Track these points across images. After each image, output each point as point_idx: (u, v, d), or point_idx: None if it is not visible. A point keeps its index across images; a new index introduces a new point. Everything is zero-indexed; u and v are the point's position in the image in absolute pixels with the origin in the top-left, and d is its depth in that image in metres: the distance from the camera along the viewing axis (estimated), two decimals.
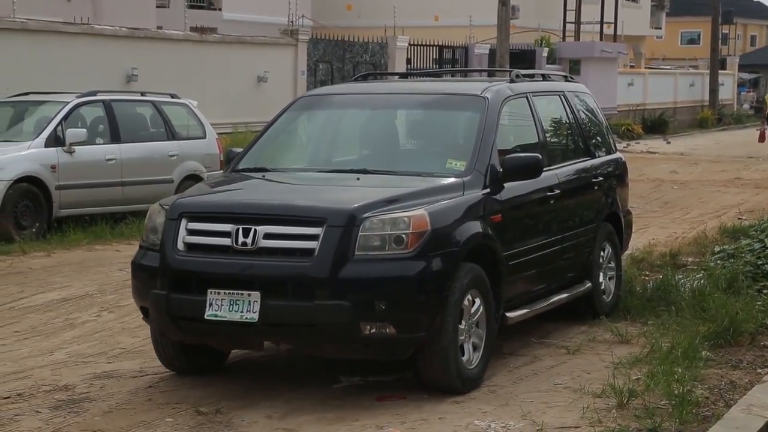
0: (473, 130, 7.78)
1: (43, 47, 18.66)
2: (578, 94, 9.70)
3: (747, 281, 9.75)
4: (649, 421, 6.29)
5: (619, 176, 9.92)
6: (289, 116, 8.59)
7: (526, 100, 8.52)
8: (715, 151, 31.46)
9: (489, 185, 7.48)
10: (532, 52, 36.70)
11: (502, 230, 7.51)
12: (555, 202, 8.37)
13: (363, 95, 8.76)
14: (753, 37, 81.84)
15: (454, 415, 6.59)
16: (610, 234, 9.43)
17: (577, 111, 9.40)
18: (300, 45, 25.44)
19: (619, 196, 9.75)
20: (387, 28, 31.23)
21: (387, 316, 6.57)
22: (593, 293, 9.02)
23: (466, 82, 9.48)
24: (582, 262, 8.93)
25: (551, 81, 9.71)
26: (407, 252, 6.68)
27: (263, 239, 6.70)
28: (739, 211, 16.51)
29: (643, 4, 50.30)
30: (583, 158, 9.23)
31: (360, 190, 7.25)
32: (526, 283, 8.03)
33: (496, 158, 7.63)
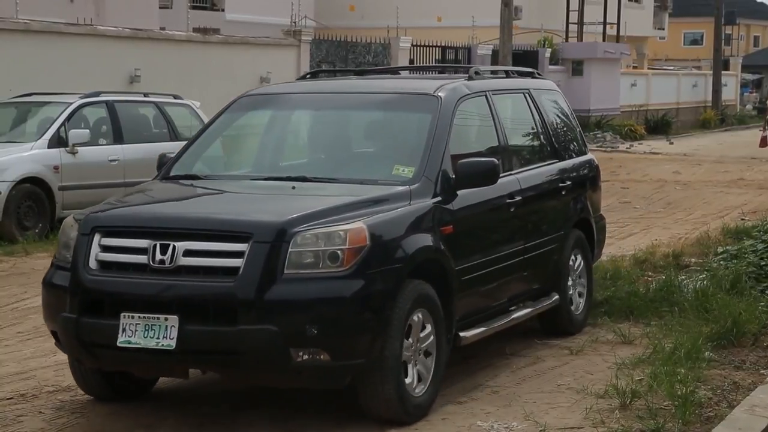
0: (424, 132, 7.11)
1: (46, 48, 18.67)
2: (546, 92, 9.06)
3: (750, 282, 9.75)
4: (652, 422, 6.29)
5: (591, 179, 9.38)
6: (228, 117, 7.94)
7: (485, 98, 7.86)
8: (717, 151, 31.45)
9: (440, 193, 6.84)
10: (535, 52, 36.71)
11: (455, 242, 6.85)
12: (516, 209, 7.72)
13: (307, 94, 8.06)
14: (756, 37, 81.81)
15: (457, 416, 6.59)
16: (580, 242, 8.83)
17: (544, 110, 8.76)
18: (303, 46, 25.46)
19: (590, 201, 9.18)
20: (390, 29, 31.23)
21: (320, 341, 5.94)
22: (561, 306, 8.46)
23: (420, 81, 8.55)
24: (548, 273, 8.32)
25: (515, 78, 8.93)
26: (343, 270, 6.03)
27: (183, 257, 6.05)
28: (742, 212, 16.51)
29: (645, 5, 50.27)
30: (550, 161, 8.61)
31: (293, 201, 6.63)
32: (483, 298, 7.44)
33: (448, 164, 6.98)
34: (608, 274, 10.41)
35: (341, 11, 39.47)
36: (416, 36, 30.66)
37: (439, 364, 6.62)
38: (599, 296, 9.55)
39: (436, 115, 7.18)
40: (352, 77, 9.05)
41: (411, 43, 29.59)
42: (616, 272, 10.53)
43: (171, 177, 7.42)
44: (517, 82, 8.86)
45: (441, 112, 7.22)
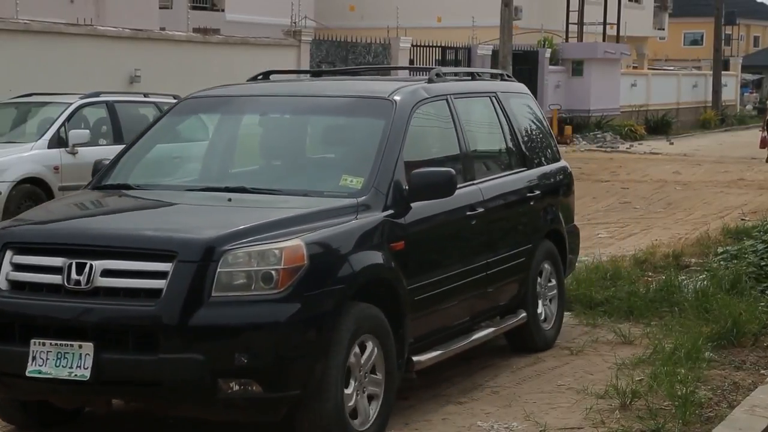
0: (376, 140, 6.53)
1: (46, 48, 18.68)
2: (515, 96, 8.55)
3: (750, 282, 9.75)
4: (652, 422, 6.29)
5: (563, 187, 8.86)
6: (169, 121, 7.48)
7: (446, 103, 7.32)
8: (718, 152, 31.46)
9: (391, 206, 6.28)
10: (535, 53, 36.73)
11: (407, 259, 6.31)
12: (478, 222, 7.18)
13: (254, 97, 7.45)
14: (756, 37, 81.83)
15: (457, 417, 6.59)
16: (550, 254, 8.33)
17: (513, 115, 8.22)
18: (303, 46, 25.47)
19: (562, 210, 8.66)
20: (390, 29, 31.25)
21: (251, 371, 5.39)
22: (529, 324, 7.98)
23: (377, 83, 7.81)
24: (515, 288, 7.83)
25: (481, 80, 8.40)
26: (277, 292, 5.46)
27: (101, 277, 5.50)
28: (742, 212, 16.51)
29: (646, 5, 50.30)
30: (518, 169, 8.08)
31: (226, 215, 6.06)
32: (440, 319, 6.88)
33: (402, 174, 6.42)
34: (608, 274, 10.41)
35: (341, 11, 39.49)
36: (416, 36, 30.68)
37: (388, 392, 6.08)
38: (599, 296, 9.55)
39: (390, 121, 6.62)
40: (307, 79, 8.52)
41: (411, 43, 29.60)
42: (617, 272, 10.53)
43: (102, 186, 6.85)
44: (484, 84, 8.34)
45: (395, 117, 6.66)
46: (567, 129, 33.78)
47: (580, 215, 16.53)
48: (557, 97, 37.16)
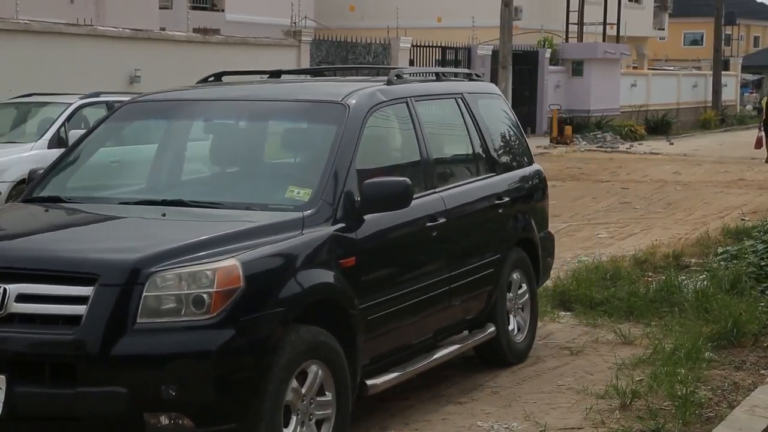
0: (326, 147, 6.06)
1: (46, 48, 18.69)
2: (484, 96, 8.06)
3: (750, 282, 9.75)
4: (652, 422, 6.29)
5: (536, 193, 8.42)
6: (109, 127, 7.02)
7: (405, 106, 6.82)
8: (718, 152, 31.47)
9: (341, 219, 5.82)
10: (535, 53, 36.76)
11: (359, 276, 5.85)
12: (440, 233, 6.69)
13: (200, 102, 6.91)
14: (756, 38, 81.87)
15: (457, 417, 6.59)
16: (521, 263, 7.90)
17: (480, 117, 7.73)
18: (303, 46, 25.48)
19: (535, 217, 8.20)
20: (390, 29, 31.26)
21: (180, 404, 4.93)
22: (498, 339, 7.53)
23: (332, 86, 7.25)
24: (483, 301, 7.39)
25: (447, 81, 7.97)
26: (209, 317, 4.99)
27: (15, 302, 4.99)
28: (742, 212, 16.51)
29: (646, 5, 50.32)
30: (485, 175, 7.61)
31: (157, 232, 5.57)
32: (399, 338, 6.42)
33: (354, 184, 5.96)
34: (608, 274, 10.41)
35: (341, 12, 39.51)
36: (416, 36, 30.69)
37: (340, 419, 5.64)
38: (599, 296, 9.55)
39: (342, 127, 6.14)
40: (260, 81, 7.77)
41: (411, 43, 29.61)
42: (617, 272, 10.53)
43: (32, 199, 6.36)
44: (449, 85, 7.86)
45: (348, 123, 6.18)
46: (567, 129, 33.78)
47: (580, 215, 16.57)
48: (557, 97, 37.18)
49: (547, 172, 9.13)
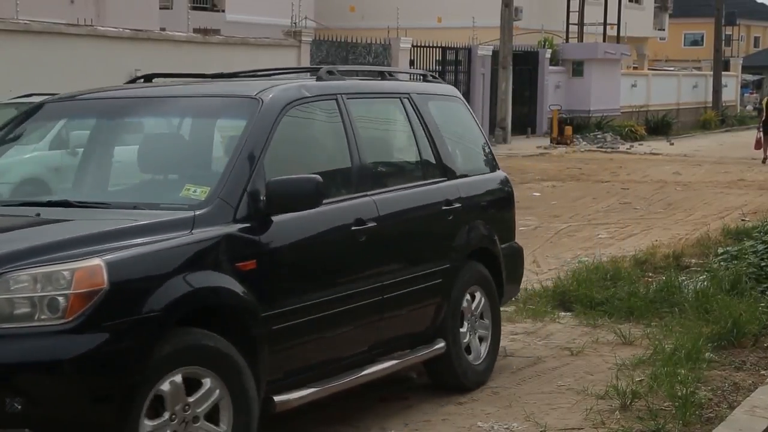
0: (232, 144, 5.74)
1: (47, 49, 18.69)
2: (438, 98, 7.61)
3: (750, 283, 9.75)
4: (652, 422, 6.29)
5: (498, 201, 7.90)
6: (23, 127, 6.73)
7: (335, 103, 6.42)
8: (718, 152, 31.47)
9: (243, 219, 5.41)
10: (535, 53, 36.78)
11: (261, 282, 5.40)
12: (370, 239, 6.20)
13: (111, 100, 6.58)
14: (756, 38, 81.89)
15: (457, 417, 6.59)
16: (479, 277, 7.35)
17: (431, 119, 7.25)
18: (303, 46, 25.49)
19: (497, 227, 7.65)
20: (390, 30, 31.27)
21: (27, 419, 4.46)
22: (449, 356, 6.96)
23: (258, 82, 6.79)
24: (430, 314, 6.85)
25: (392, 80, 7.44)
26: (65, 322, 4.53)
27: None
28: (743, 213, 16.51)
29: (646, 6, 50.34)
30: (433, 180, 7.12)
31: (20, 233, 5.14)
32: (318, 351, 5.92)
33: (262, 183, 5.57)
34: (609, 275, 10.41)
35: (341, 12, 39.53)
36: (416, 37, 30.69)
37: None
38: (599, 296, 9.54)
39: (251, 123, 5.78)
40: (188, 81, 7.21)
41: (411, 43, 29.61)
42: (617, 273, 10.53)
43: None
44: (394, 85, 7.36)
45: (258, 118, 5.80)
46: (567, 129, 33.80)
47: (581, 215, 16.57)
48: (557, 97, 37.19)
49: (547, 172, 9.13)
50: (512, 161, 26.80)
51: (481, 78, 32.73)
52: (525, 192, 20.05)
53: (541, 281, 10.58)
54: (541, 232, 14.70)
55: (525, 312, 9.30)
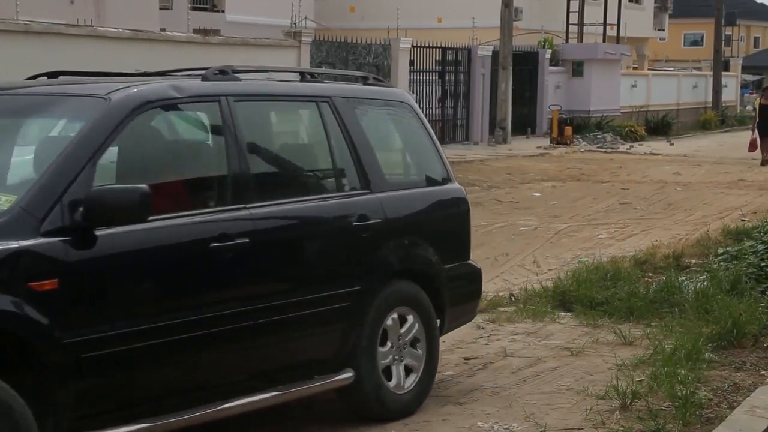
0: (58, 148, 5.16)
1: (47, 49, 18.68)
2: (371, 103, 6.95)
3: (750, 283, 9.75)
4: (653, 422, 6.29)
5: (445, 216, 7.18)
6: None
7: (217, 106, 5.79)
8: (718, 152, 31.47)
9: (53, 233, 4.83)
10: (535, 53, 36.77)
11: (65, 304, 4.82)
12: (238, 256, 5.57)
13: None
14: (756, 38, 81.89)
15: (457, 417, 6.59)
16: (410, 299, 6.62)
17: (353, 127, 6.54)
18: (303, 47, 25.47)
19: (440, 245, 6.88)
20: (390, 30, 31.27)
21: None
22: (362, 387, 6.28)
23: (127, 79, 6.06)
24: (333, 341, 6.18)
25: (312, 83, 6.70)
26: None
27: None
28: (743, 213, 16.51)
29: (646, 6, 50.33)
30: (347, 192, 6.43)
31: None
32: (151, 382, 5.27)
33: (89, 192, 4.99)
34: (609, 275, 10.41)
35: (341, 12, 39.54)
36: (416, 37, 30.67)
37: None
38: (599, 297, 9.54)
39: (88, 125, 5.19)
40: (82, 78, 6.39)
41: (411, 44, 29.61)
42: (617, 273, 10.53)
43: None
44: (307, 87, 6.62)
45: (98, 120, 5.22)
46: (567, 130, 33.80)
47: (581, 216, 16.57)
48: (557, 97, 37.19)
49: (547, 172, 9.12)
50: (512, 161, 26.80)
51: (481, 78, 32.72)
52: (525, 192, 20.05)
53: (541, 281, 10.58)
54: (541, 233, 14.70)
55: (525, 312, 9.30)
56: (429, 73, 31.03)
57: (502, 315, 9.24)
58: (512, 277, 11.42)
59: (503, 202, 18.46)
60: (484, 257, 12.59)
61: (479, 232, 14.62)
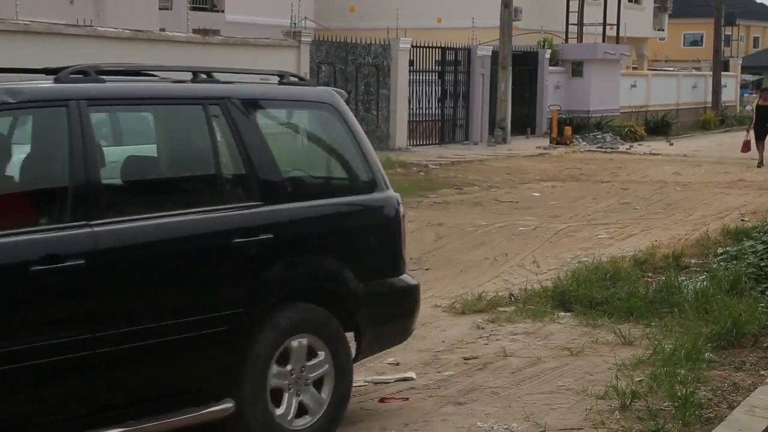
0: None
1: (46, 49, 18.69)
2: (280, 105, 6.40)
3: (750, 283, 9.76)
4: (652, 422, 6.29)
5: (367, 228, 6.43)
6: None
7: (65, 112, 5.21)
8: (717, 152, 31.46)
9: None
10: (535, 53, 36.77)
11: None
12: (72, 279, 5.02)
13: None
14: (756, 38, 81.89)
15: (457, 417, 6.59)
16: (312, 323, 5.93)
17: (250, 132, 5.87)
18: (303, 47, 25.48)
19: (357, 260, 6.20)
20: (390, 30, 31.27)
21: None
22: (245, 420, 5.67)
23: None
24: (207, 369, 5.58)
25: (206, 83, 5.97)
26: None
27: None
28: (742, 213, 16.52)
29: (645, 6, 50.33)
30: (236, 204, 5.78)
31: None
32: None
33: None
34: (608, 275, 10.41)
35: (341, 12, 39.55)
36: (416, 37, 30.68)
37: None
38: (599, 297, 9.54)
39: None
40: None
41: (411, 44, 29.62)
42: (617, 273, 10.53)
43: None
44: (193, 89, 5.92)
45: None
46: (567, 130, 33.80)
47: (580, 216, 16.57)
48: (557, 97, 37.19)
49: (546, 172, 9.11)
50: (512, 161, 26.80)
51: (481, 78, 32.71)
52: (525, 192, 20.06)
53: (541, 281, 10.58)
54: (541, 233, 14.70)
55: (525, 312, 9.30)
56: (429, 73, 31.04)
57: (501, 315, 9.24)
58: (512, 277, 11.43)
59: (503, 202, 18.46)
60: (484, 257, 12.60)
61: (479, 232, 14.63)
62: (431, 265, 11.96)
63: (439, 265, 11.99)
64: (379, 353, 7.00)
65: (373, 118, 28.08)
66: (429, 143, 30.62)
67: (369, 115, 27.93)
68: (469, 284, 10.88)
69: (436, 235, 14.27)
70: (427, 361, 7.87)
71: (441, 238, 14.09)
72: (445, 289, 10.61)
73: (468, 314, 9.33)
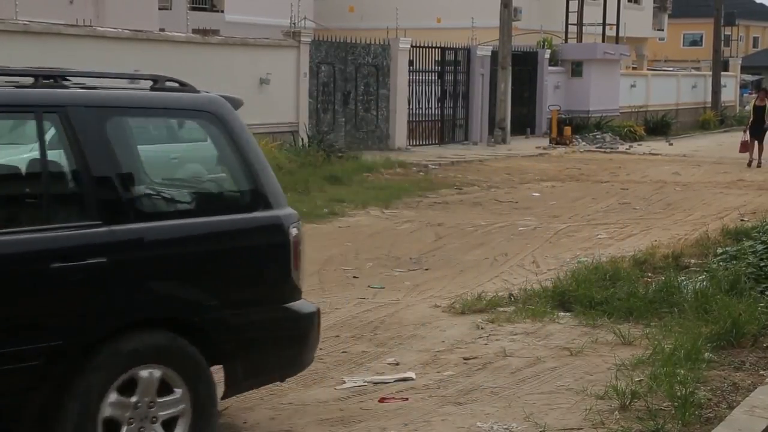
0: None
1: (46, 49, 18.69)
2: (137, 111, 5.75)
3: (749, 283, 9.75)
4: (652, 422, 6.29)
5: (241, 250, 5.76)
6: None
7: None
8: (717, 152, 31.46)
9: None
10: (535, 53, 36.77)
11: None
12: None
13: None
14: (755, 38, 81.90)
15: (456, 417, 6.59)
16: (164, 354, 5.31)
17: (94, 144, 5.28)
18: (302, 47, 25.48)
19: (219, 287, 5.56)
20: (389, 30, 31.27)
21: None
22: None
23: None
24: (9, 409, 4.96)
25: (39, 88, 5.39)
26: None
27: None
28: (742, 213, 16.52)
29: (645, 6, 50.33)
30: (52, 225, 5.15)
31: None
32: None
33: None
34: (608, 275, 10.41)
35: (341, 12, 39.55)
36: (416, 37, 30.67)
37: None
38: (599, 297, 9.54)
39: None
40: None
41: (410, 44, 29.62)
42: (616, 273, 10.52)
43: None
44: (23, 94, 5.38)
45: None
46: (566, 130, 33.79)
47: (580, 216, 16.57)
48: (557, 97, 37.18)
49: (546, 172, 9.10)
50: (511, 161, 26.80)
51: (481, 78, 32.71)
52: (524, 192, 20.06)
53: (541, 281, 10.58)
54: (541, 233, 14.70)
55: (524, 312, 9.30)
56: (428, 73, 31.03)
57: (501, 315, 9.24)
58: (511, 277, 11.42)
59: (503, 202, 18.46)
60: (484, 257, 12.60)
61: (479, 232, 14.63)
62: (431, 265, 11.96)
63: (438, 265, 11.99)
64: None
65: (372, 118, 28.08)
66: (428, 143, 30.62)
67: (369, 115, 27.94)
68: (469, 284, 10.88)
69: (436, 235, 14.27)
70: (426, 361, 7.87)
71: (441, 238, 14.09)
72: (444, 289, 10.62)
73: (468, 314, 9.33)
